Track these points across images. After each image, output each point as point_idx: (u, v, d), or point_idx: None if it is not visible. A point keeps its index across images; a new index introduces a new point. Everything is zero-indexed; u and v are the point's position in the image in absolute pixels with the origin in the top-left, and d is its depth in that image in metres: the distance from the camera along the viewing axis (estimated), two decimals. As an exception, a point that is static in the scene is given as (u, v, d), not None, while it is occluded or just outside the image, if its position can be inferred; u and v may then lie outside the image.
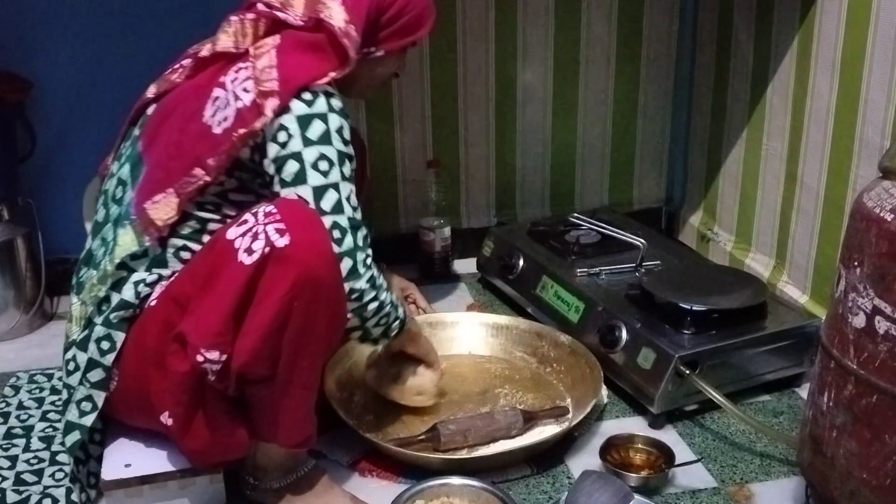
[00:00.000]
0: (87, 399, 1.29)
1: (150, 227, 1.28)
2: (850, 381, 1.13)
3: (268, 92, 1.23)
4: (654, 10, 2.29)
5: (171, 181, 1.27)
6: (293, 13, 1.31)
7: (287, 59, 1.26)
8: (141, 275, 1.29)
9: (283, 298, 1.15)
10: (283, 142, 1.24)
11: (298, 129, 1.24)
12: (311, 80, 1.26)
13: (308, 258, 1.16)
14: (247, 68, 1.27)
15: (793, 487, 1.42)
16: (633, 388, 1.61)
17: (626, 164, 2.45)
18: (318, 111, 1.25)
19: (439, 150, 2.28)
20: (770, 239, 2.07)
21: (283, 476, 1.33)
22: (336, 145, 1.26)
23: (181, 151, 1.28)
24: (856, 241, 1.12)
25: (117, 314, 1.28)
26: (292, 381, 1.22)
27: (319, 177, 1.24)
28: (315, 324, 1.20)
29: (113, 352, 1.28)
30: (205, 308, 1.17)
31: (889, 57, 1.60)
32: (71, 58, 2.00)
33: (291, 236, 1.15)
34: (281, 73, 1.24)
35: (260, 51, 1.28)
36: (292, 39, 1.30)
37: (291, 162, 1.24)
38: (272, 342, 1.16)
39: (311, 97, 1.25)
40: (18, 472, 1.46)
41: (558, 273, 1.88)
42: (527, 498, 1.40)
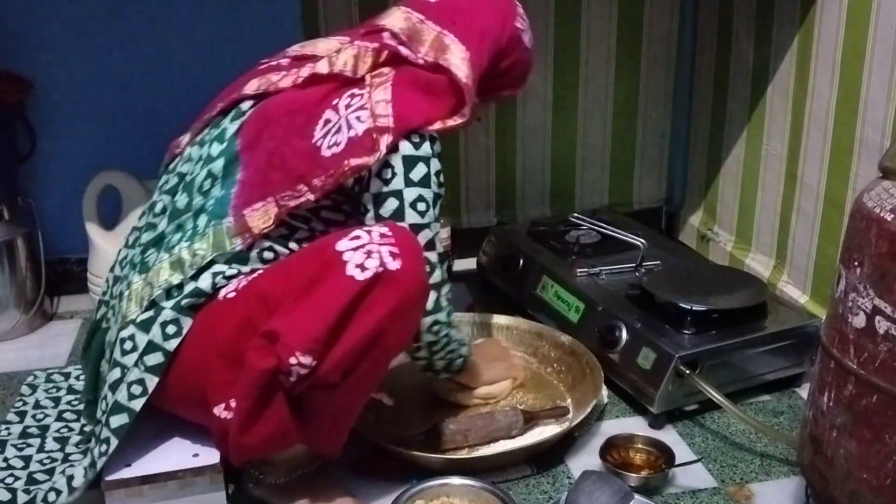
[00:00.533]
0: (138, 382, 1.26)
1: (245, 233, 1.29)
2: (850, 381, 1.13)
3: (383, 128, 1.26)
4: (654, 10, 2.29)
5: (273, 192, 1.29)
6: (416, 51, 1.34)
7: (402, 97, 1.29)
8: (221, 267, 1.29)
9: (382, 319, 1.17)
10: (386, 178, 1.29)
11: (403, 169, 1.29)
12: (424, 124, 1.30)
13: (412, 285, 1.20)
14: (361, 96, 1.29)
15: (793, 487, 1.42)
16: (633, 388, 1.61)
17: (626, 164, 2.45)
18: (423, 154, 1.31)
19: (439, 150, 2.28)
20: (770, 239, 2.07)
21: (288, 473, 1.34)
22: (433, 188, 1.33)
23: (285, 164, 1.29)
24: (856, 241, 1.12)
25: (189, 301, 1.27)
26: (352, 392, 1.25)
27: (417, 216, 1.31)
28: (393, 348, 1.25)
29: (178, 337, 1.26)
30: (304, 313, 1.17)
31: (889, 57, 1.60)
32: (71, 58, 2.00)
33: (403, 262, 1.18)
34: (396, 110, 1.27)
35: (376, 80, 1.30)
36: (410, 76, 1.32)
37: (392, 199, 1.30)
38: (357, 357, 1.19)
39: (419, 140, 1.30)
40: (31, 472, 1.46)
41: (558, 273, 1.88)
42: (527, 498, 1.40)
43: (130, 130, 2.05)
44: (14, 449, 1.52)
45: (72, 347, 1.91)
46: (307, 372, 1.16)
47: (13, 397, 1.70)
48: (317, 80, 1.34)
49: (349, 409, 1.29)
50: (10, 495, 1.40)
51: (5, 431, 1.57)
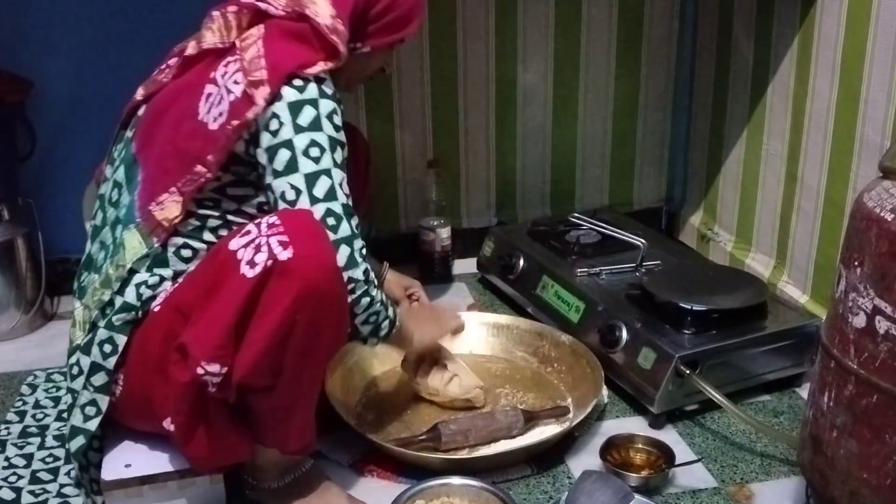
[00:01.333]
0: (91, 403, 1.29)
1: (157, 229, 1.27)
2: (850, 381, 1.13)
3: (257, 81, 1.22)
4: (654, 10, 2.29)
5: (173, 180, 1.27)
6: (275, 3, 1.30)
7: (274, 47, 1.25)
8: (142, 276, 1.29)
9: (286, 312, 1.13)
10: (274, 130, 1.23)
11: (290, 117, 1.23)
12: (300, 68, 1.24)
13: (311, 272, 1.14)
14: (235, 61, 1.26)
15: (793, 487, 1.42)
16: (634, 388, 1.61)
17: (626, 164, 2.45)
18: (308, 97, 1.24)
19: (439, 150, 2.28)
20: (770, 239, 2.07)
21: (282, 476, 1.33)
22: (327, 131, 1.24)
23: (179, 150, 1.27)
24: (856, 241, 1.12)
25: (119, 317, 1.27)
26: (294, 391, 1.22)
27: (311, 164, 1.23)
28: (318, 336, 1.19)
29: (115, 355, 1.27)
30: (206, 320, 1.16)
31: (889, 57, 1.60)
32: (71, 58, 2.00)
33: (295, 249, 1.14)
34: (269, 61, 1.23)
35: (246, 42, 1.27)
36: (277, 28, 1.28)
37: (283, 150, 1.23)
38: (274, 355, 1.16)
39: (302, 83, 1.24)
40: (34, 470, 1.47)
41: (558, 273, 1.88)
42: (527, 498, 1.40)
43: (130, 130, 2.06)
44: (15, 448, 1.52)
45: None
46: (221, 379, 1.14)
47: (13, 397, 1.70)
48: (191, 63, 1.33)
49: (299, 406, 1.26)
50: (15, 494, 1.40)
51: (5, 431, 1.58)
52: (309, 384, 1.25)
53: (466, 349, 1.80)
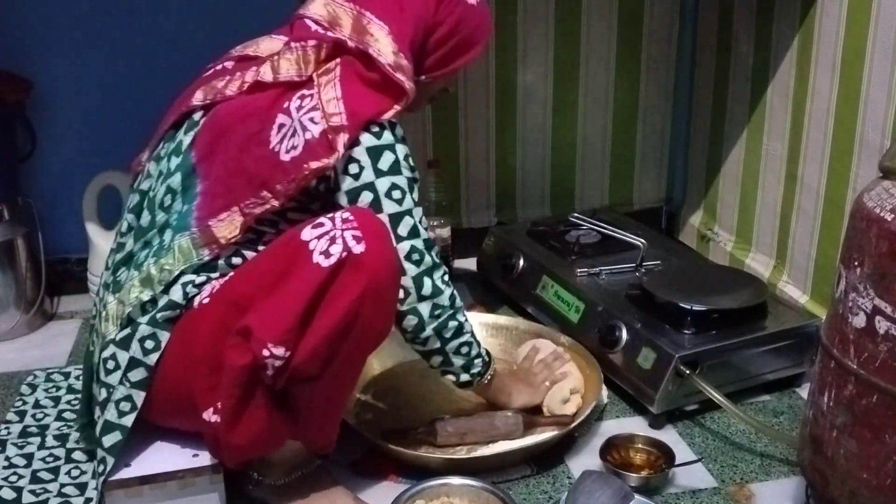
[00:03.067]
0: (126, 399, 1.28)
1: (212, 244, 1.29)
2: (850, 381, 1.13)
3: (338, 127, 1.24)
4: (654, 10, 2.29)
5: (237, 200, 1.28)
6: (342, 33, 1.31)
7: (351, 91, 1.27)
8: (189, 276, 1.29)
9: (352, 304, 1.17)
10: (354, 174, 1.27)
11: (370, 161, 1.27)
12: (377, 115, 1.28)
13: (379, 267, 1.19)
14: (311, 97, 1.27)
15: (793, 487, 1.42)
16: (633, 388, 1.61)
17: (626, 164, 2.45)
18: (386, 143, 1.28)
19: (439, 150, 2.28)
20: (770, 239, 2.07)
21: (288, 473, 1.34)
22: (405, 174, 1.29)
23: (246, 172, 1.28)
24: (856, 241, 1.12)
25: (164, 314, 1.27)
26: (335, 384, 1.25)
27: (394, 205, 1.28)
28: (371, 331, 1.23)
29: (157, 351, 1.27)
30: (274, 305, 1.18)
31: (889, 57, 1.60)
32: (71, 58, 2.00)
33: (367, 244, 1.18)
34: (348, 107, 1.25)
35: (323, 79, 1.28)
36: (352, 70, 1.29)
37: (366, 192, 1.27)
38: (332, 345, 1.19)
39: (379, 129, 1.28)
40: (35, 469, 1.47)
41: (558, 273, 1.88)
42: (527, 498, 1.40)
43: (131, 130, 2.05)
44: (15, 448, 1.52)
45: (72, 347, 1.91)
46: (282, 363, 1.17)
47: (13, 397, 1.70)
48: (263, 86, 1.32)
49: (335, 400, 1.29)
50: (16, 494, 1.40)
51: (5, 431, 1.58)
52: (349, 379, 1.30)
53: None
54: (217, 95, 1.35)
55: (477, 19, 1.41)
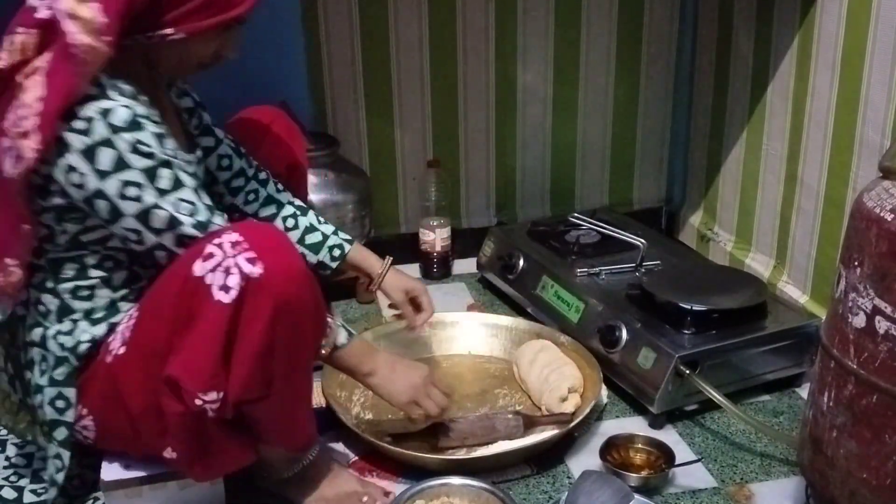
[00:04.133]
0: (56, 457, 1.28)
1: (2, 295, 1.23)
2: (850, 381, 1.13)
3: (23, 133, 1.09)
4: (654, 10, 2.29)
5: (8, 244, 1.20)
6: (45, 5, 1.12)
7: (57, 83, 1.10)
8: (56, 327, 1.26)
9: (267, 327, 1.13)
10: (77, 184, 1.13)
11: (87, 165, 1.12)
12: (67, 99, 1.09)
13: (283, 283, 1.14)
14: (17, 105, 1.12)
15: (793, 487, 1.42)
16: (633, 388, 1.61)
17: (626, 164, 2.45)
18: (99, 138, 1.11)
19: (439, 150, 2.28)
20: (770, 239, 2.07)
21: (290, 467, 1.35)
22: (137, 165, 1.13)
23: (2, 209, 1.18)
24: (856, 241, 1.12)
25: (59, 371, 1.25)
26: (289, 394, 1.23)
27: (133, 204, 1.14)
28: (302, 340, 1.20)
29: (71, 407, 1.25)
30: (191, 350, 1.14)
31: (889, 57, 1.60)
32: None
33: (265, 264, 1.12)
34: (46, 103, 1.09)
35: (29, 81, 1.11)
36: (61, 54, 1.11)
37: (98, 202, 1.14)
38: (263, 368, 1.16)
39: (85, 124, 1.11)
40: (35, 469, 1.47)
41: (558, 273, 1.88)
42: (527, 498, 1.40)
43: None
44: (15, 448, 1.52)
45: (72, 347, 1.91)
46: (219, 405, 1.15)
47: (13, 397, 1.70)
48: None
49: (297, 406, 1.27)
50: (17, 493, 1.41)
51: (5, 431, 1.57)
52: (301, 383, 1.27)
53: (465, 349, 1.80)
54: None
55: None
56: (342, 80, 2.15)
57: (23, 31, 1.13)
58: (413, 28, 2.15)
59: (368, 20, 2.12)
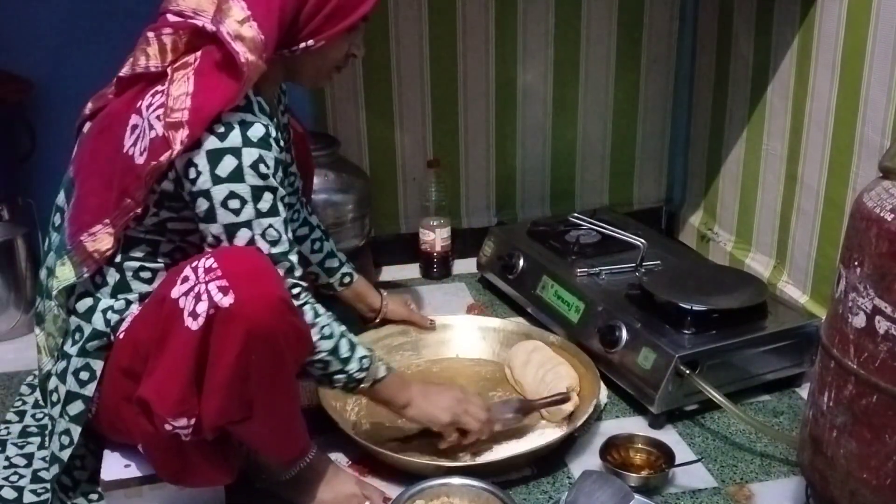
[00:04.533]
0: (65, 433, 1.28)
1: (87, 260, 1.24)
2: (850, 381, 1.13)
3: (176, 123, 1.15)
4: (654, 10, 2.29)
5: (106, 212, 1.23)
6: (206, 18, 1.21)
7: (204, 84, 1.17)
8: (108, 302, 1.27)
9: (239, 356, 1.12)
10: (192, 178, 1.18)
11: (208, 166, 1.16)
12: (224, 106, 1.16)
13: (255, 314, 1.12)
14: (162, 93, 1.19)
15: (793, 487, 1.42)
16: (634, 388, 1.61)
17: (626, 164, 2.45)
18: (229, 146, 1.17)
19: (439, 150, 2.28)
20: (770, 239, 2.07)
21: (287, 470, 1.35)
22: (249, 181, 1.18)
23: (108, 181, 1.23)
24: (856, 241, 1.12)
25: (92, 344, 1.25)
26: (272, 412, 1.22)
27: (230, 215, 1.18)
28: (281, 364, 1.18)
29: (93, 381, 1.25)
30: (162, 373, 1.14)
31: (889, 57, 1.60)
32: (71, 58, 2.00)
33: (235, 293, 1.11)
34: (195, 102, 1.16)
35: (178, 73, 1.19)
36: (211, 58, 1.19)
37: (201, 200, 1.18)
38: (239, 394, 1.15)
39: (225, 130, 1.17)
40: (35, 469, 1.47)
41: (558, 273, 1.88)
42: (527, 498, 1.40)
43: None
44: (15, 448, 1.52)
45: (72, 347, 1.91)
46: (191, 430, 1.15)
47: (13, 397, 1.70)
48: (127, 85, 1.26)
49: (282, 422, 1.26)
50: (17, 493, 1.41)
51: (5, 431, 1.58)
52: (285, 401, 1.24)
53: (453, 353, 1.80)
54: (101, 103, 1.31)
55: None
56: (342, 80, 2.15)
57: (170, 31, 1.22)
58: (413, 28, 2.15)
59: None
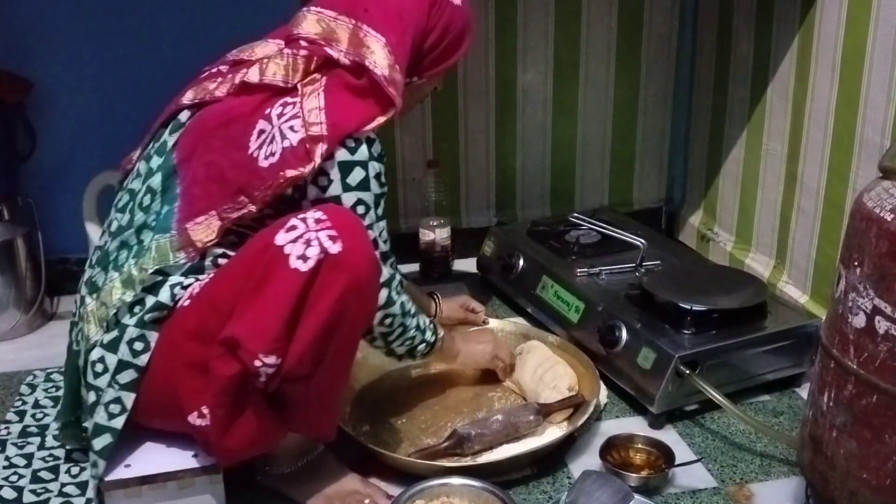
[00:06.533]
0: (115, 401, 1.28)
1: (189, 247, 1.28)
2: (850, 381, 1.13)
3: (316, 137, 1.24)
4: (654, 10, 2.29)
5: (215, 204, 1.28)
6: (338, 49, 1.31)
7: (334, 102, 1.27)
8: (178, 279, 1.29)
9: (336, 303, 1.17)
10: (323, 185, 1.27)
11: (339, 175, 1.27)
12: (358, 128, 1.27)
13: (358, 264, 1.19)
14: (294, 105, 1.27)
15: (793, 487, 1.42)
16: (634, 388, 1.61)
17: (626, 164, 2.45)
18: (359, 159, 1.28)
19: (439, 150, 2.28)
20: (770, 239, 2.07)
21: (294, 461, 1.36)
22: (374, 190, 1.30)
23: (225, 176, 1.28)
24: (856, 241, 1.12)
25: (152, 315, 1.27)
26: (329, 379, 1.25)
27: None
28: (356, 327, 1.25)
29: (147, 352, 1.27)
30: (258, 313, 1.17)
31: (889, 57, 1.60)
32: (71, 58, 2.00)
33: (344, 243, 1.18)
34: (329, 118, 1.25)
35: (308, 88, 1.28)
36: (339, 80, 1.29)
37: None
38: (321, 345, 1.19)
39: (355, 145, 1.27)
40: (35, 469, 1.47)
41: (558, 273, 1.88)
42: (527, 498, 1.40)
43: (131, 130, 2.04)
44: (15, 448, 1.53)
45: (72, 347, 1.91)
46: (274, 371, 1.17)
47: (13, 397, 1.70)
48: (250, 89, 1.32)
49: (330, 393, 1.30)
50: (17, 493, 1.41)
51: (5, 431, 1.58)
52: (342, 372, 1.30)
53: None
54: (206, 96, 1.35)
55: (464, 18, 1.42)
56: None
57: (306, 54, 1.31)
58: (413, 28, 2.15)
59: (368, 20, 2.12)
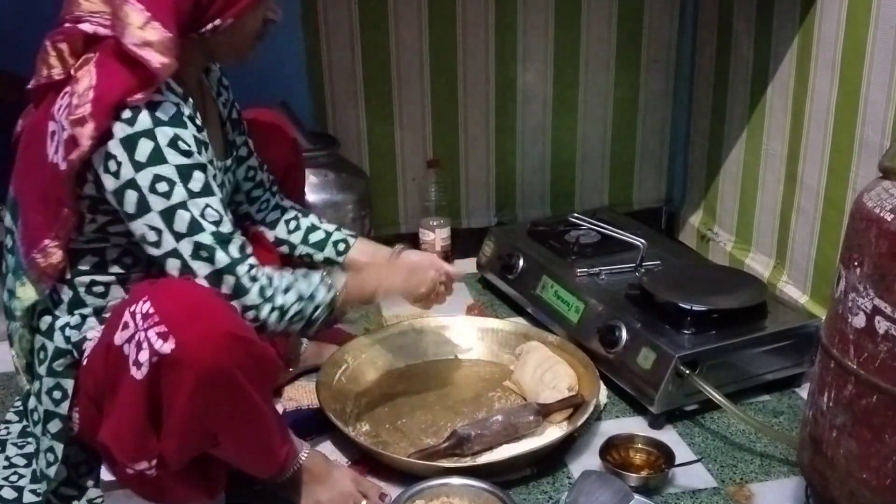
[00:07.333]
0: (49, 450, 1.28)
1: (43, 276, 1.23)
2: (850, 381, 1.13)
3: (80, 119, 1.12)
4: (654, 10, 2.29)
5: (49, 226, 1.21)
6: (95, 20, 1.17)
7: (104, 75, 1.14)
8: (64, 319, 1.26)
9: (192, 398, 1.11)
10: (114, 171, 1.14)
11: (125, 154, 1.13)
12: (126, 95, 1.13)
13: (201, 356, 1.09)
14: (69, 93, 1.16)
15: (793, 487, 1.42)
16: (633, 388, 1.61)
17: (626, 164, 2.45)
18: (141, 128, 1.13)
19: (439, 150, 2.28)
20: (770, 239, 2.07)
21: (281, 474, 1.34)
22: (172, 161, 1.14)
23: (44, 195, 1.21)
24: (856, 241, 1.12)
25: (59, 363, 1.25)
26: (240, 438, 1.21)
27: (161, 200, 1.14)
28: (242, 395, 1.16)
29: (66, 399, 1.25)
30: (117, 421, 1.15)
31: (889, 57, 1.60)
32: (71, 58, 2.00)
33: (176, 337, 1.08)
34: (96, 92, 1.12)
35: (81, 71, 1.16)
36: (110, 50, 1.16)
37: (129, 191, 1.14)
38: (200, 429, 1.15)
39: (132, 114, 1.13)
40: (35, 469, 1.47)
41: (558, 273, 1.88)
42: (527, 498, 1.40)
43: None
44: (15, 448, 1.52)
45: (72, 347, 1.91)
46: (155, 470, 1.15)
47: (13, 397, 1.70)
48: (39, 95, 1.24)
49: (257, 441, 1.25)
50: (17, 493, 1.41)
51: (5, 431, 1.58)
52: (253, 424, 1.21)
53: (451, 354, 1.79)
54: (30, 117, 1.28)
55: None
56: (342, 79, 2.15)
57: (62, 38, 1.19)
58: (413, 28, 2.15)
59: (368, 20, 2.12)
